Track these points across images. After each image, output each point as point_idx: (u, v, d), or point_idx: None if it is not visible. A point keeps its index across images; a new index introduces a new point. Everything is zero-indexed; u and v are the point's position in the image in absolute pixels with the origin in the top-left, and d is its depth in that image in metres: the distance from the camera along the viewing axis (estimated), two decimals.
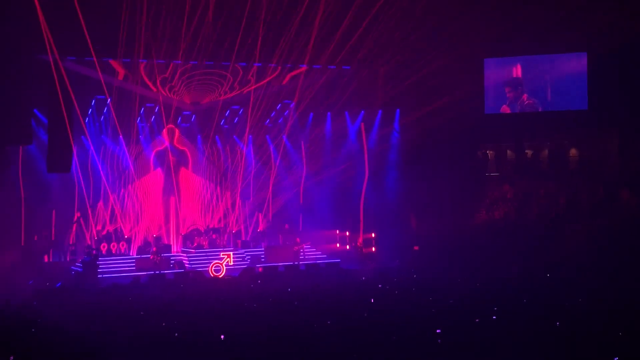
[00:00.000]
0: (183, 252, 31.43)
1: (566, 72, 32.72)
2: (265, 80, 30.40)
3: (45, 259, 29.51)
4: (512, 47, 32.62)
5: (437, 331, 14.51)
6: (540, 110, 32.96)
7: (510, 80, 33.17)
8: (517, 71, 33.19)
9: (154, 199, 32.98)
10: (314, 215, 34.47)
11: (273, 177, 34.20)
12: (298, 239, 31.09)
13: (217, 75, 29.75)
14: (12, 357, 11.66)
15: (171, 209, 33.23)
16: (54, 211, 30.62)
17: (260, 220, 34.37)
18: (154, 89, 29.68)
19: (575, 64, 32.58)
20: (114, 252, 30.65)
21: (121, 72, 28.37)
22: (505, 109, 33.29)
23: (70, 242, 30.25)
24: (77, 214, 30.74)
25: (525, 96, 33.06)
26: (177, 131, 33.06)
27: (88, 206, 30.66)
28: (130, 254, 30.69)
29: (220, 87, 30.47)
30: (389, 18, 27.42)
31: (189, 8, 25.20)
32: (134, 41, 26.06)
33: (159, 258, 28.47)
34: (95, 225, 31.11)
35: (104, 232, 31.26)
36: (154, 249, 29.16)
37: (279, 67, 29.82)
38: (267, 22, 26.55)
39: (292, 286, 23.25)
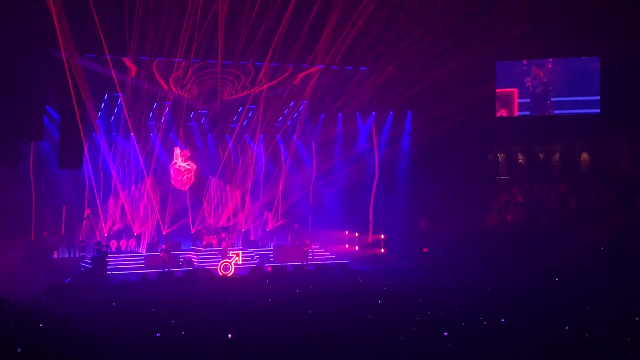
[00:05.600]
0: (192, 250, 31.47)
1: (578, 75, 32.64)
2: (276, 80, 30.42)
3: (55, 255, 29.62)
4: (524, 50, 32.53)
5: (445, 334, 14.50)
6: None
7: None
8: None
9: (164, 197, 32.98)
10: (324, 215, 34.46)
11: (283, 177, 34.23)
12: (307, 240, 31.07)
13: (228, 74, 29.77)
14: (19, 349, 11.71)
15: (182, 206, 33.26)
16: (64, 207, 30.78)
17: (270, 219, 34.37)
18: (166, 87, 29.75)
19: (588, 67, 32.48)
20: (123, 249, 30.74)
21: (133, 69, 28.44)
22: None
23: (81, 239, 30.41)
24: (87, 211, 30.95)
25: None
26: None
27: (98, 203, 30.82)
28: (140, 251, 30.75)
29: (232, 86, 30.49)
30: (401, 20, 27.44)
31: (202, 6, 25.30)
32: (146, 39, 26.18)
33: (168, 256, 28.54)
34: (105, 223, 31.22)
35: (114, 229, 31.34)
36: (164, 246, 29.22)
37: (291, 67, 29.85)
38: (278, 22, 26.62)
39: (301, 286, 23.28)
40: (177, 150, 33.24)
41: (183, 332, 15.05)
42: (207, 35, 26.50)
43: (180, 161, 33.24)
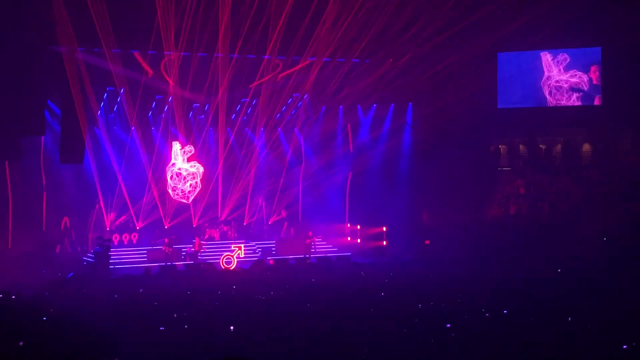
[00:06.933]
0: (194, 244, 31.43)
1: (579, 66, 32.56)
2: (277, 73, 30.34)
3: (57, 249, 29.64)
4: (525, 41, 32.43)
5: (447, 325, 14.51)
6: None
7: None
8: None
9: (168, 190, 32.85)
10: (325, 208, 34.42)
11: (284, 170, 34.15)
12: (310, 232, 31.09)
13: (230, 67, 29.67)
14: (21, 343, 11.75)
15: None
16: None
17: (271, 212, 34.36)
18: (172, 83, 29.61)
19: (589, 58, 32.39)
20: (125, 243, 30.74)
21: (144, 63, 28.36)
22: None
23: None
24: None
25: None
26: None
27: (100, 197, 30.80)
28: (142, 245, 30.71)
29: (234, 80, 30.33)
30: (403, 12, 27.39)
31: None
32: (148, 32, 26.16)
33: (170, 249, 28.56)
34: (108, 216, 31.20)
35: (116, 223, 31.34)
36: (166, 240, 29.22)
37: (292, 60, 29.79)
38: (281, 15, 26.59)
39: (303, 279, 23.31)
40: (177, 147, 30.44)
41: (186, 326, 15.08)
42: (209, 28, 26.50)
43: (182, 161, 30.53)
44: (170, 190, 30.33)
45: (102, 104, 30.86)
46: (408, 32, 28.65)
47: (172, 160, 30.47)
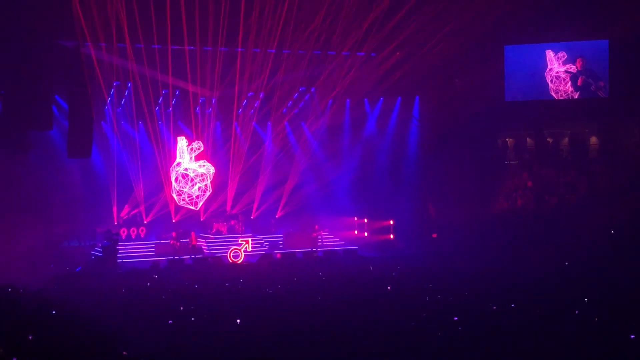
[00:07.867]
0: (202, 237, 31.49)
1: (587, 59, 32.43)
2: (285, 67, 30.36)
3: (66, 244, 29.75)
4: (532, 34, 32.32)
5: (455, 319, 14.52)
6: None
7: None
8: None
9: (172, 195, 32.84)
10: (332, 202, 34.41)
11: (292, 164, 34.08)
12: (317, 226, 31.10)
13: (237, 61, 29.67)
14: (30, 337, 11.80)
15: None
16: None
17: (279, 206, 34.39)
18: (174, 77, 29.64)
19: (597, 51, 32.25)
20: (133, 237, 30.81)
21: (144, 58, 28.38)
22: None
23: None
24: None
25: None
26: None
27: (115, 192, 30.84)
28: (150, 239, 30.78)
29: (240, 74, 30.32)
30: (409, 6, 27.36)
31: None
32: (154, 27, 26.19)
33: (178, 243, 28.61)
34: (118, 211, 31.24)
35: (125, 217, 31.40)
36: (174, 234, 29.27)
37: (300, 54, 29.77)
38: (289, 9, 26.63)
39: (310, 273, 23.34)
40: (183, 142, 28.85)
41: (192, 319, 15.13)
42: (215, 22, 26.53)
43: (188, 160, 29.31)
44: (175, 195, 29.06)
45: (110, 98, 30.90)
46: (414, 24, 28.61)
47: (177, 159, 29.19)
